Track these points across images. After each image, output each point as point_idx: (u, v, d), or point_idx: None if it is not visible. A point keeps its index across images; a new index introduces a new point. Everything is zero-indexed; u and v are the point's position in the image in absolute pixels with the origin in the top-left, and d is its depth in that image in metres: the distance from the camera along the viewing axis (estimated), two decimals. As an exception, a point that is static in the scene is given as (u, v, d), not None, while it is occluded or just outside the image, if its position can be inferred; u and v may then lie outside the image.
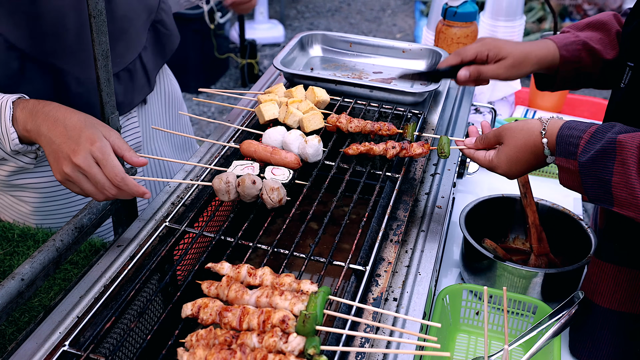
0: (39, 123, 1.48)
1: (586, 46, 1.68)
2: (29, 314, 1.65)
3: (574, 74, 1.71)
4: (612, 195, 1.27)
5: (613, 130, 1.29)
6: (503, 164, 1.47)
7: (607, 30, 1.70)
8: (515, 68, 1.69)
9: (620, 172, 1.25)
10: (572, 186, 1.38)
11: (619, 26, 1.70)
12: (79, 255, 1.83)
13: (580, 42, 1.68)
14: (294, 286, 1.24)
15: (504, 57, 1.68)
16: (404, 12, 8.24)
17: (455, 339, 1.74)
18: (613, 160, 1.26)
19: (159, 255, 1.36)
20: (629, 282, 1.53)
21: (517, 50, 1.68)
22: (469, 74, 1.70)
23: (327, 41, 2.31)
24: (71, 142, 1.42)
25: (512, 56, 1.67)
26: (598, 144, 1.29)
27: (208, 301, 1.20)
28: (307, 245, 1.39)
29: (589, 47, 1.68)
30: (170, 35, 2.01)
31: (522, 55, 1.68)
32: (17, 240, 1.88)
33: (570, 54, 1.68)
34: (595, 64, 1.69)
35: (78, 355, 1.15)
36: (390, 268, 1.41)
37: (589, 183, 1.30)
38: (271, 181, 1.48)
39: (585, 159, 1.30)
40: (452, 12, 2.51)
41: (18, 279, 1.35)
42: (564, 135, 1.35)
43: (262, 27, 7.09)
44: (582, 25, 1.75)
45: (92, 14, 1.51)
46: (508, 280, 1.77)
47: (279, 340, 1.11)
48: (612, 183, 1.26)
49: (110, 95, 1.63)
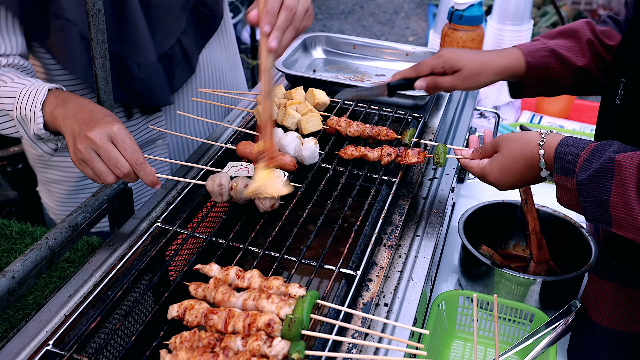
0: (67, 109, 1.51)
1: (554, 53, 1.68)
2: (23, 311, 1.65)
3: (542, 80, 1.71)
4: (611, 215, 1.25)
5: (611, 149, 1.27)
6: (495, 171, 1.45)
7: (578, 38, 1.70)
8: (472, 79, 1.69)
9: (619, 192, 1.22)
10: (569, 204, 1.35)
11: (590, 34, 1.70)
12: (76, 254, 1.83)
13: (548, 49, 1.69)
14: (282, 289, 1.23)
15: (459, 69, 1.68)
16: (418, 15, 8.21)
17: (451, 345, 1.72)
18: (611, 179, 1.23)
19: (149, 256, 1.36)
20: (628, 302, 1.48)
21: (474, 62, 1.68)
22: (426, 84, 1.72)
23: (330, 43, 2.30)
24: (92, 121, 1.44)
25: (467, 68, 1.68)
26: (596, 162, 1.26)
27: (194, 303, 1.20)
28: (300, 249, 1.38)
29: (557, 53, 1.68)
30: (214, 15, 1.98)
31: (479, 66, 1.68)
32: (15, 238, 1.89)
33: (537, 60, 1.68)
34: (564, 70, 1.69)
35: (61, 355, 1.15)
36: (382, 273, 1.40)
37: (587, 202, 1.28)
38: None
39: (583, 177, 1.27)
40: (458, 15, 2.49)
41: (9, 276, 1.35)
42: (562, 152, 1.32)
43: (274, 28, 7.09)
44: (554, 34, 1.76)
45: (90, 12, 1.51)
46: (506, 287, 1.74)
47: (263, 344, 1.10)
48: (611, 203, 1.24)
49: (108, 94, 1.63)
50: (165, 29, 1.85)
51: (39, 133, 1.58)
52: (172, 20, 1.85)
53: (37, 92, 1.56)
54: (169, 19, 1.84)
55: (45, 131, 1.58)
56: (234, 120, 1.99)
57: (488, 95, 2.78)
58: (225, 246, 1.39)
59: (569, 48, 1.69)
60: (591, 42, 1.69)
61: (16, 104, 1.58)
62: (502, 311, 1.70)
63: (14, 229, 1.90)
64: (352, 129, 1.73)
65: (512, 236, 2.01)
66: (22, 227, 1.91)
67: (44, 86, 1.58)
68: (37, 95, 1.56)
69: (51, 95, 1.56)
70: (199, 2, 1.90)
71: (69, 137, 1.48)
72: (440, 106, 2.05)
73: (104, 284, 1.31)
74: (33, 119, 1.56)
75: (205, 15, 1.93)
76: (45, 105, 1.56)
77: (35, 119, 1.56)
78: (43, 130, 1.58)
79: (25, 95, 1.57)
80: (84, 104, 1.53)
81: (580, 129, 2.77)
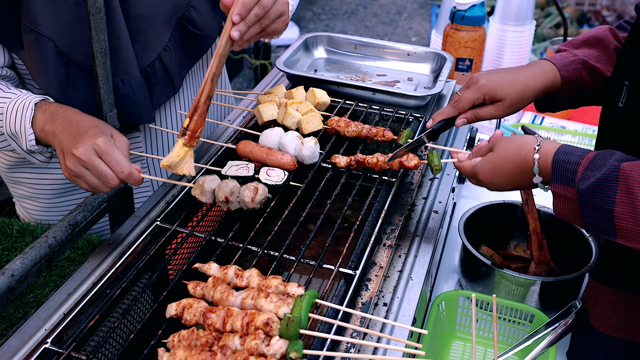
0: (56, 124, 1.51)
1: (586, 64, 1.62)
2: (23, 309, 1.65)
3: (576, 93, 1.65)
4: (615, 226, 1.20)
5: (614, 157, 1.23)
6: (486, 170, 1.41)
7: (605, 47, 1.64)
8: (514, 107, 1.62)
9: (625, 202, 1.18)
10: (567, 215, 1.29)
11: (616, 41, 1.64)
12: (77, 253, 1.83)
13: (579, 61, 1.62)
14: (281, 289, 1.23)
15: (500, 99, 1.60)
16: (421, 16, 8.20)
17: (450, 345, 1.71)
18: (615, 189, 1.19)
19: (148, 254, 1.36)
20: (626, 308, 1.46)
21: (514, 89, 1.59)
22: (467, 120, 1.63)
23: (332, 43, 2.30)
24: (77, 136, 1.45)
25: (509, 97, 1.60)
26: (598, 171, 1.22)
27: (193, 302, 1.20)
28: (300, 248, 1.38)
29: (588, 65, 1.62)
30: (203, 35, 1.88)
31: (520, 93, 1.60)
32: (15, 236, 1.89)
33: (571, 74, 1.61)
34: (596, 82, 1.63)
35: (60, 353, 1.15)
36: (381, 272, 1.40)
37: (588, 212, 1.23)
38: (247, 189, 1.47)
39: (585, 186, 1.23)
40: (460, 15, 2.50)
41: (8, 274, 1.35)
42: (561, 161, 1.28)
43: (277, 28, 7.10)
44: (578, 43, 1.68)
45: (91, 11, 1.51)
46: (506, 288, 1.74)
47: (261, 343, 1.10)
48: (615, 213, 1.20)
49: (108, 92, 1.63)
50: (146, 42, 1.76)
51: (32, 149, 1.58)
52: (153, 34, 1.77)
53: (25, 108, 1.54)
54: (149, 31, 1.76)
55: (37, 146, 1.57)
56: (235, 121, 1.99)
57: (490, 95, 2.77)
58: (224, 245, 1.39)
59: (597, 58, 1.63)
60: (618, 50, 1.63)
61: (5, 120, 1.56)
62: (502, 311, 1.69)
63: (14, 227, 1.90)
64: (350, 129, 1.73)
65: (513, 237, 2.00)
66: (22, 226, 1.91)
67: (30, 100, 1.55)
68: (24, 112, 1.53)
69: (39, 110, 1.54)
70: (184, 18, 1.82)
71: (59, 153, 1.49)
72: (441, 106, 2.04)
73: (103, 282, 1.31)
74: (24, 136, 1.55)
75: (192, 34, 1.85)
76: (35, 122, 1.54)
77: (26, 135, 1.55)
78: (36, 146, 1.57)
79: (12, 111, 1.55)
80: (71, 117, 1.51)
81: (582, 130, 2.76)
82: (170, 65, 1.82)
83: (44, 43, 1.61)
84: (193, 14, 1.82)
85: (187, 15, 1.81)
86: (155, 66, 1.79)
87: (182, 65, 1.87)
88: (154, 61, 1.79)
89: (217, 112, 2.16)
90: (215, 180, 1.49)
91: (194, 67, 1.97)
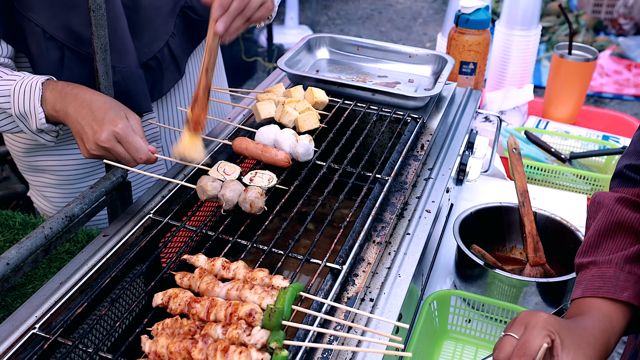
0: (67, 103, 1.57)
1: (633, 268, 1.37)
2: (21, 300, 1.68)
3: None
4: None
5: None
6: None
7: (629, 228, 1.40)
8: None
9: None
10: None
11: (632, 210, 1.41)
12: (76, 246, 1.86)
13: (627, 270, 1.36)
14: (266, 281, 1.25)
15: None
16: (435, 22, 8.20)
17: (442, 345, 1.72)
18: None
19: (139, 246, 1.38)
20: None
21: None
22: None
23: (335, 44, 2.31)
24: (95, 123, 1.53)
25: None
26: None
27: (178, 291, 1.22)
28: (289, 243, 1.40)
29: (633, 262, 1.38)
30: (203, 21, 1.95)
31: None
32: (17, 229, 1.92)
33: (631, 290, 1.34)
34: None
35: (47, 339, 1.17)
36: (369, 268, 1.41)
37: None
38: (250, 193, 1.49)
39: None
40: (465, 19, 2.50)
41: (3, 263, 1.38)
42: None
43: (292, 32, 7.15)
44: (596, 239, 1.44)
45: (92, 7, 1.55)
46: (499, 289, 1.75)
47: (242, 333, 1.12)
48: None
49: (108, 88, 1.67)
50: (155, 31, 1.86)
51: (42, 127, 1.63)
52: (161, 22, 1.86)
53: (32, 88, 1.59)
54: (158, 20, 1.85)
55: (48, 124, 1.63)
56: (235, 118, 2.01)
57: (493, 99, 2.78)
58: (214, 238, 1.41)
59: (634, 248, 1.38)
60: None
61: (13, 102, 1.60)
62: (495, 312, 1.70)
63: (17, 219, 1.94)
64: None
65: (510, 239, 2.01)
66: (25, 218, 1.94)
67: (36, 80, 1.60)
68: (32, 91, 1.58)
69: (47, 89, 1.59)
70: (186, 6, 1.91)
71: (75, 134, 1.58)
72: (441, 108, 2.05)
73: (94, 272, 1.34)
74: (34, 115, 1.60)
75: (194, 20, 1.94)
76: (44, 100, 1.59)
77: (36, 114, 1.60)
78: (46, 125, 1.62)
79: (20, 91, 1.60)
80: (81, 95, 1.56)
81: (586, 135, 2.76)
82: (177, 51, 1.93)
83: (32, 28, 1.67)
84: (194, 2, 1.94)
85: (188, 3, 1.93)
86: (164, 52, 1.90)
87: (185, 50, 1.98)
88: (163, 47, 1.89)
89: (218, 110, 2.19)
90: (236, 191, 1.50)
91: (196, 51, 2.07)
